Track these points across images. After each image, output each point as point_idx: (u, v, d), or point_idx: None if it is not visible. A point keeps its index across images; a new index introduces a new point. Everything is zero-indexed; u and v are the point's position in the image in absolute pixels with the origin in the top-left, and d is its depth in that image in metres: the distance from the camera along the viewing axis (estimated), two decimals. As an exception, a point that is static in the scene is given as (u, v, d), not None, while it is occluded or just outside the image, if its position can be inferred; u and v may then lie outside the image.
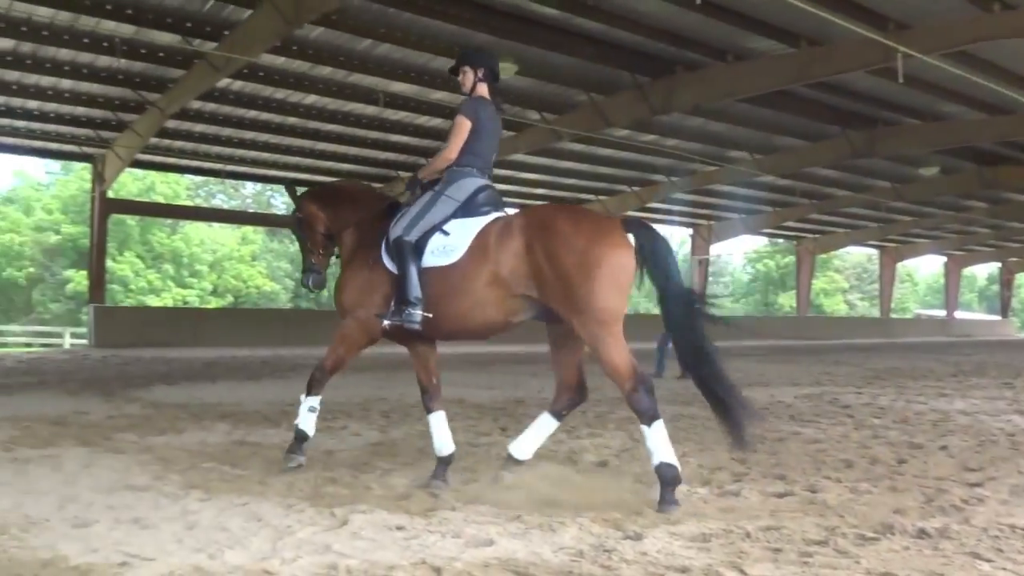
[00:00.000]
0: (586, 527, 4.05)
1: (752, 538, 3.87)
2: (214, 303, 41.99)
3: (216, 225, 45.82)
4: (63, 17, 13.60)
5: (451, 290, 4.67)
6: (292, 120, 19.63)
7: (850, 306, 63.03)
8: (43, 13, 13.47)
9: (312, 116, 19.28)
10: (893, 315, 46.96)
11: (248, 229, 46.36)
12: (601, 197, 29.29)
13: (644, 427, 4.48)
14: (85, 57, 15.48)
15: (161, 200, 39.62)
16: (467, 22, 14.15)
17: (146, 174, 39.90)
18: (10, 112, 18.31)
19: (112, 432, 6.85)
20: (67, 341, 27.95)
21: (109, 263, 29.71)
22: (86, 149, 21.04)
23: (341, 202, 5.44)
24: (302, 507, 4.40)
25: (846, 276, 63.81)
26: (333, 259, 5.53)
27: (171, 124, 18.97)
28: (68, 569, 3.35)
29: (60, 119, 19.05)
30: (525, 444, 4.91)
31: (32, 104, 17.96)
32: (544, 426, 4.94)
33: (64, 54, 15.35)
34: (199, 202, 46.78)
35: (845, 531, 3.97)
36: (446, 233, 4.78)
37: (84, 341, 24.58)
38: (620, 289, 4.37)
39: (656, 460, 4.43)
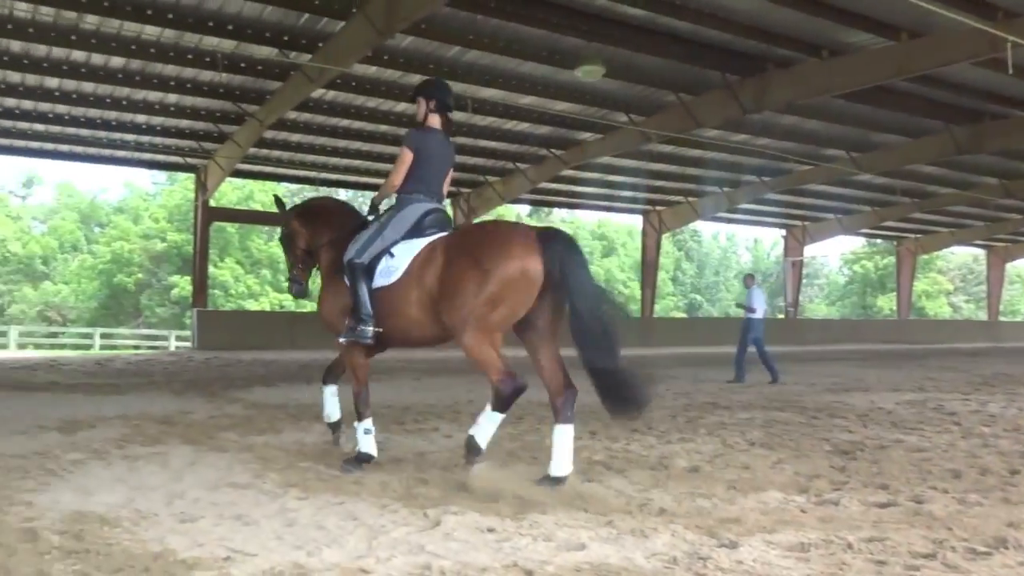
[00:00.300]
0: (679, 533, 3.98)
1: (854, 550, 3.73)
2: (309, 307, 43.25)
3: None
4: (168, 35, 14.23)
5: (392, 309, 5.13)
6: (383, 128, 20.03)
7: (955, 309, 60.22)
8: (151, 32, 14.12)
9: (403, 123, 19.60)
10: (1002, 318, 44.61)
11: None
12: (690, 199, 28.84)
13: (493, 411, 5.00)
14: (189, 72, 16.17)
15: (259, 208, 41.03)
16: (554, 26, 14.14)
17: (245, 183, 41.43)
18: (121, 126, 19.28)
19: (215, 431, 7.12)
20: (172, 344, 29.32)
21: (211, 269, 30.90)
22: (190, 160, 21.98)
23: (320, 220, 5.82)
24: (395, 507, 4.46)
25: (950, 278, 61.02)
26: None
27: (268, 134, 19.62)
28: (176, 562, 3.48)
29: (166, 132, 19.94)
30: (556, 462, 4.90)
31: (141, 118, 18.86)
32: (561, 436, 4.96)
33: (170, 70, 16.06)
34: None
35: (954, 544, 3.79)
36: (392, 255, 5.19)
37: (188, 344, 25.69)
38: (505, 295, 4.75)
39: (472, 431, 5.04)
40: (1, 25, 13.74)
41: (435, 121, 5.54)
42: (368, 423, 5.64)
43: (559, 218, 58.87)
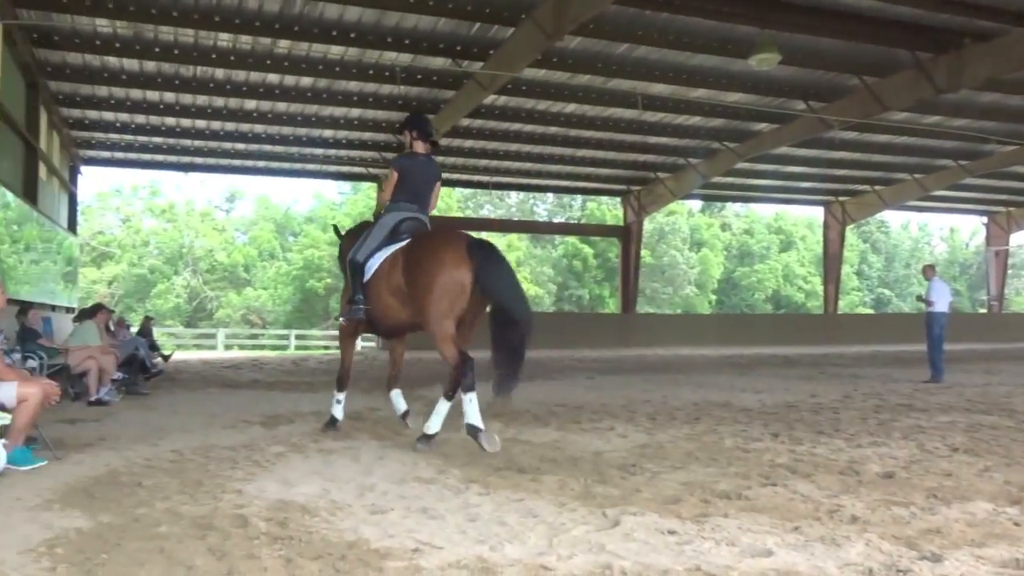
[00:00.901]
0: (874, 543, 3.74)
1: (1080, 568, 3.36)
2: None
3: (485, 234, 48.42)
4: (352, 52, 15.05)
5: (374, 298, 6.45)
6: (553, 130, 20.23)
7: None
8: (336, 51, 15.01)
9: (572, 124, 19.73)
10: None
11: (513, 236, 48.54)
12: (877, 187, 27.13)
13: (463, 395, 6.05)
14: (370, 87, 17.04)
15: (436, 213, 42.55)
16: (725, 15, 13.74)
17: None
18: (310, 141, 20.63)
19: (400, 427, 7.44)
20: (359, 344, 30.97)
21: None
22: (372, 170, 23.16)
23: (357, 236, 7.04)
24: (574, 506, 4.48)
25: None
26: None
27: (443, 141, 20.33)
28: (370, 551, 3.67)
29: (350, 144, 21.12)
30: (468, 417, 6.09)
31: (327, 133, 20.09)
32: (468, 404, 6.08)
33: (353, 86, 16.99)
34: (468, 213, 49.68)
35: None
36: (375, 256, 6.49)
37: (372, 344, 27.05)
38: (448, 299, 5.96)
39: (467, 421, 6.06)
40: (207, 55, 15.08)
41: (418, 147, 6.86)
42: (342, 396, 7.20)
43: (733, 212, 57.10)
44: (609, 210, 47.46)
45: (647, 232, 44.76)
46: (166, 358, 16.73)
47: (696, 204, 53.38)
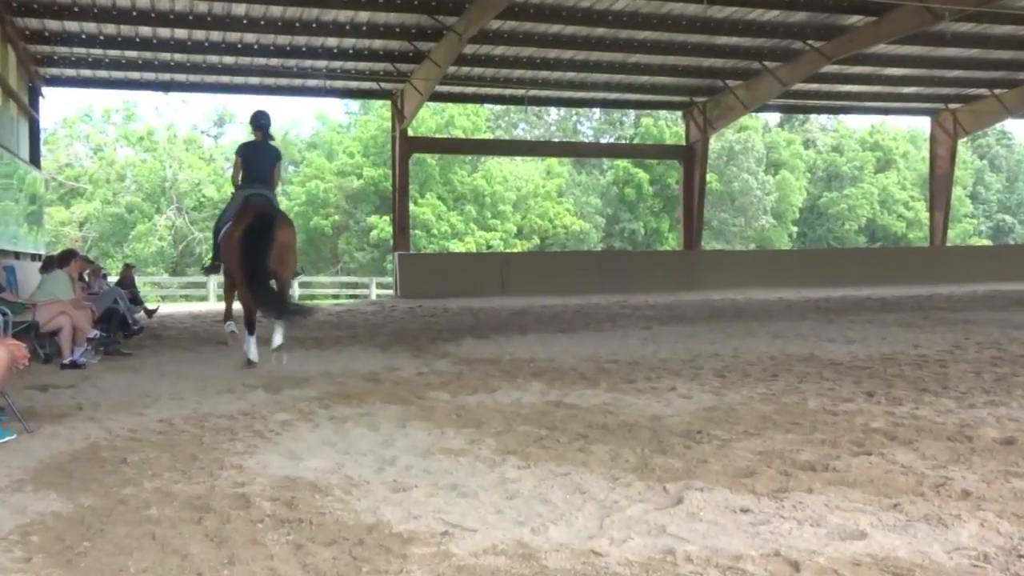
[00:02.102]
0: (991, 523, 3.72)
1: None
2: (519, 246, 44.40)
3: (519, 159, 48.19)
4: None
5: (226, 257, 9.52)
6: (600, 31, 19.90)
7: None
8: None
9: (623, 24, 19.37)
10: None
11: (553, 161, 48.30)
12: (997, 91, 26.38)
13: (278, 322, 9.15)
14: (379, -17, 16.86)
15: (461, 135, 42.39)
16: None
17: (444, 107, 42.84)
18: (311, 52, 20.54)
19: (424, 390, 7.53)
20: (373, 291, 31.28)
21: (411, 207, 32.41)
22: (384, 85, 23.07)
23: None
24: (629, 480, 4.51)
25: None
26: None
27: (468, 49, 20.11)
28: (392, 536, 3.73)
29: (358, 55, 21.00)
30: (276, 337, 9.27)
31: (331, 41, 19.97)
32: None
33: (358, -17, 16.82)
34: (500, 134, 49.42)
35: None
36: (226, 225, 9.57)
37: (390, 291, 27.30)
38: (230, 260, 9.33)
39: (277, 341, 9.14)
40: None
41: (258, 135, 9.88)
42: (231, 324, 10.06)
43: (818, 126, 56.07)
44: (668, 127, 46.90)
45: (714, 152, 44.24)
46: (150, 312, 17.07)
47: (773, 117, 52.54)
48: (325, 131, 50.29)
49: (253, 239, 8.90)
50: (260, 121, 9.95)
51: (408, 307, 18.79)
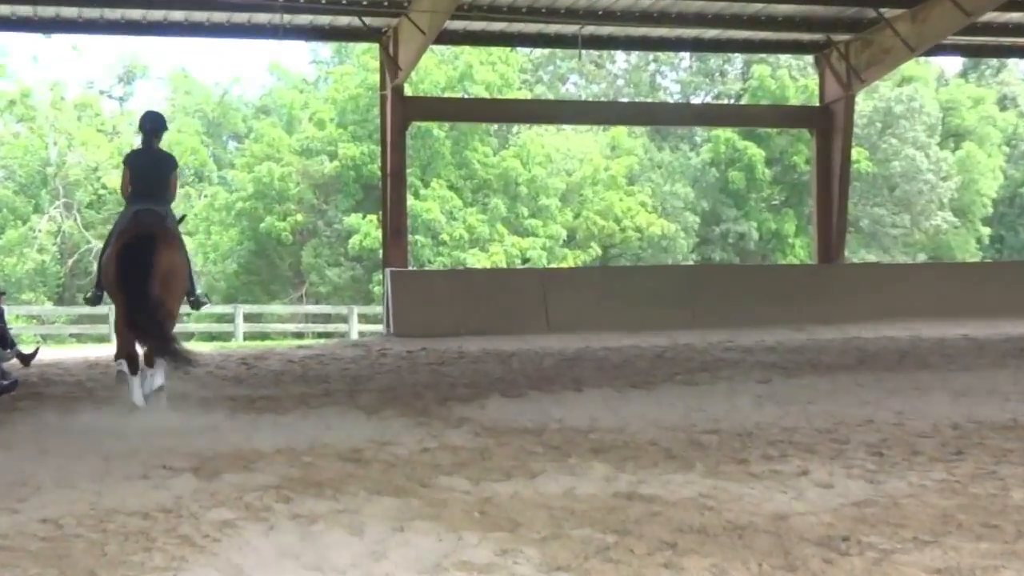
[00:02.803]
0: None
1: None
2: (570, 258, 44.39)
3: (569, 129, 48.22)
4: None
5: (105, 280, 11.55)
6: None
7: None
8: None
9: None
10: None
11: (620, 132, 48.32)
12: None
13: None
14: None
15: (483, 94, 42.46)
16: None
17: (458, 53, 43.06)
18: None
19: (430, 474, 7.52)
20: (354, 327, 31.38)
21: (410, 200, 32.44)
22: (369, 20, 23.19)
23: None
24: (741, 611, 4.48)
25: None
26: None
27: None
28: None
29: (330, -24, 21.21)
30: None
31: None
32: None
33: None
34: (541, 93, 49.56)
35: None
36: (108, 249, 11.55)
37: (378, 327, 27.36)
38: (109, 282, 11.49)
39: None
40: None
41: (148, 143, 11.88)
42: (122, 362, 11.54)
43: (1021, 76, 55.63)
44: (794, 79, 46.84)
45: (862, 117, 44.08)
46: (26, 359, 17.21)
47: (953, 64, 52.28)
48: (282, 89, 50.76)
49: (131, 262, 10.81)
50: (150, 125, 12.05)
51: (406, 350, 18.79)
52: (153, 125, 11.96)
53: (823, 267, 27.05)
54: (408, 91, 25.30)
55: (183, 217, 13.46)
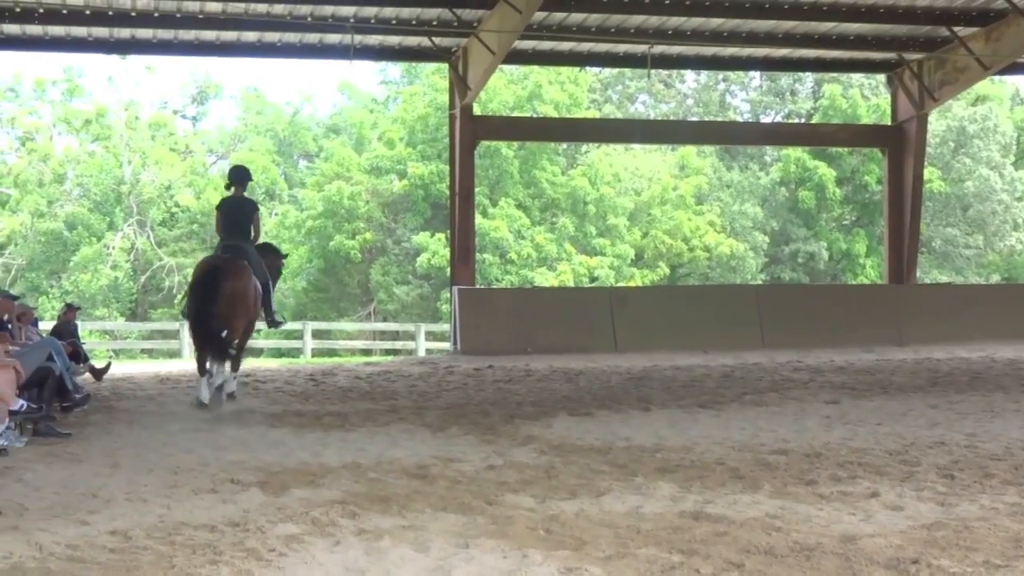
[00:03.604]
0: None
1: None
2: (638, 277, 44.29)
3: (638, 148, 48.16)
4: None
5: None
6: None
7: None
8: None
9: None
10: None
11: (689, 152, 48.19)
12: None
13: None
14: None
15: (552, 113, 42.53)
16: None
17: (527, 73, 43.15)
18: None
19: (496, 492, 7.54)
20: (422, 344, 31.46)
21: (478, 219, 32.47)
22: (438, 40, 23.30)
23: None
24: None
25: None
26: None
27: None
28: None
29: (398, -3, 21.34)
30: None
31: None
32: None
33: None
34: (610, 113, 49.59)
35: None
36: None
37: (446, 345, 27.42)
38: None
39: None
40: None
41: (236, 190, 14.64)
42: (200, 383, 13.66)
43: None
44: (865, 98, 46.52)
45: (935, 136, 43.71)
46: (98, 373, 17.42)
47: (1028, 82, 51.68)
48: (352, 109, 51.01)
49: (201, 287, 13.49)
50: (235, 176, 15.11)
51: (473, 368, 18.81)
52: (237, 176, 15.03)
53: (894, 287, 26.79)
54: (477, 110, 25.34)
55: (286, 255, 17.91)
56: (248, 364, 25.91)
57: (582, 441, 10.10)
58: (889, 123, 28.07)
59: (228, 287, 13.37)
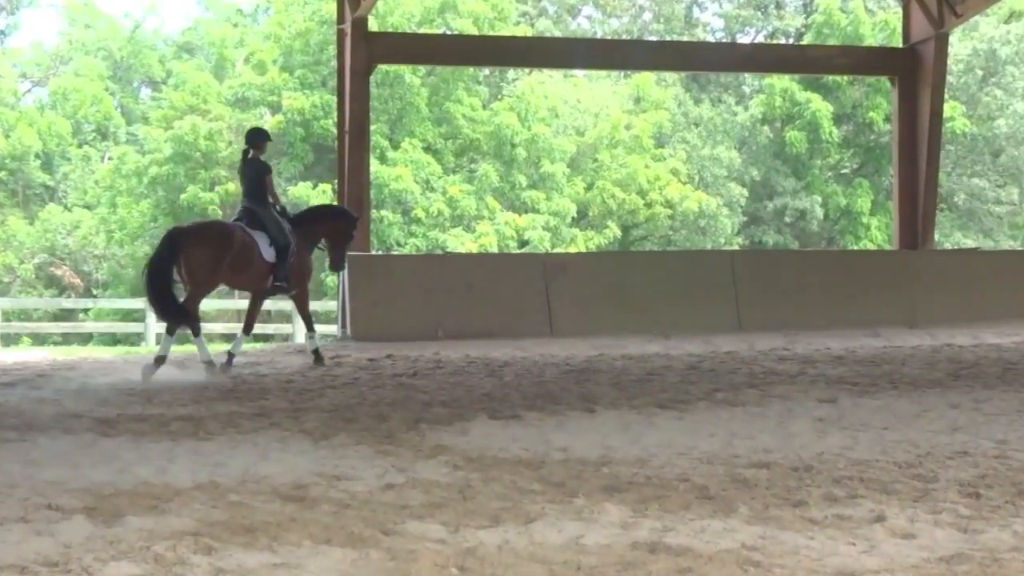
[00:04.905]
0: None
1: None
2: (580, 241, 44.39)
3: (581, 75, 48.22)
4: None
5: None
6: None
7: None
8: None
9: None
10: None
11: (645, 81, 48.24)
12: None
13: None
14: None
15: (470, 30, 42.42)
16: None
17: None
18: None
19: (396, 518, 7.50)
20: (299, 328, 31.28)
21: (375, 166, 32.34)
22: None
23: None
24: None
25: None
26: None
27: None
28: None
29: None
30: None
31: None
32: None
33: None
34: (544, 28, 49.57)
35: None
36: None
37: (331, 328, 27.31)
38: None
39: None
40: None
41: (254, 154, 18.72)
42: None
43: None
44: (870, 13, 46.88)
45: (958, 62, 44.10)
46: None
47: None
48: (210, 23, 50.78)
49: (160, 246, 17.79)
50: (251, 140, 18.96)
51: (367, 358, 18.80)
52: (251, 138, 18.99)
53: (906, 254, 27.06)
54: (373, 25, 25.32)
55: (356, 217, 20.37)
56: (74, 353, 25.79)
57: (507, 452, 10.07)
58: (900, 45, 28.31)
59: (188, 251, 17.16)
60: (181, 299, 17.57)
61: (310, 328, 19.30)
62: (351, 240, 19.89)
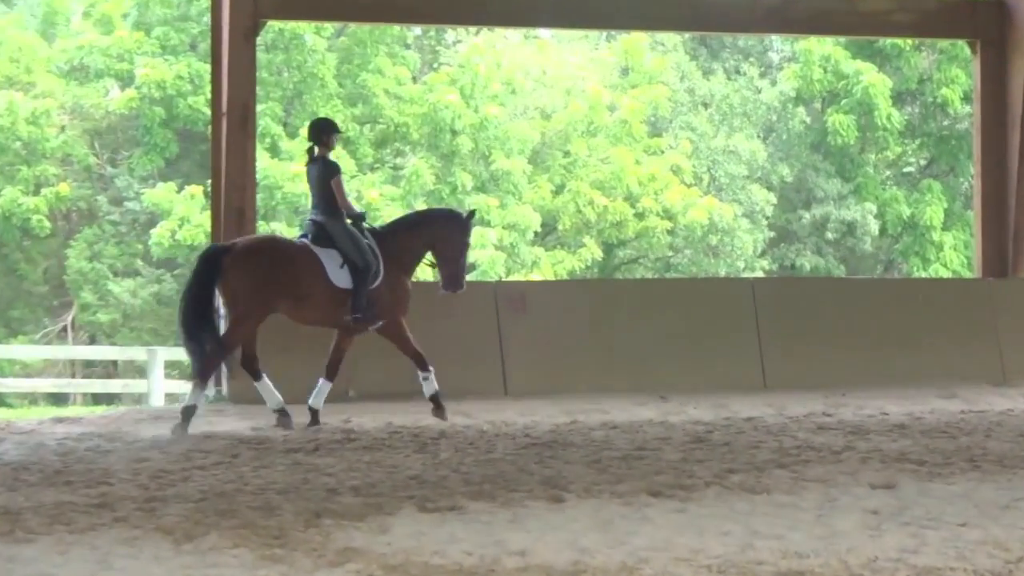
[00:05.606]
0: None
1: None
2: (548, 266, 44.51)
3: (547, 35, 48.48)
4: None
5: None
6: None
7: None
8: None
9: None
10: None
11: (638, 41, 48.48)
12: None
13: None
14: None
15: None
16: None
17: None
18: None
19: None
20: (157, 384, 31.35)
21: (263, 160, 32.32)
22: None
23: None
24: None
25: None
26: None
27: None
28: None
29: None
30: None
31: None
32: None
33: None
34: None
35: None
36: None
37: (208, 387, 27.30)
38: None
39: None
40: None
41: (320, 151, 20.23)
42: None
43: None
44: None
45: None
46: None
47: None
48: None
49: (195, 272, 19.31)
50: (314, 134, 20.10)
51: (250, 427, 18.81)
52: (314, 132, 20.06)
53: (992, 284, 27.14)
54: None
55: (472, 211, 22.65)
56: None
57: (442, 558, 10.04)
58: (981, -1, 28.52)
59: (227, 275, 18.74)
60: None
61: (423, 367, 19.92)
62: (466, 249, 21.11)
